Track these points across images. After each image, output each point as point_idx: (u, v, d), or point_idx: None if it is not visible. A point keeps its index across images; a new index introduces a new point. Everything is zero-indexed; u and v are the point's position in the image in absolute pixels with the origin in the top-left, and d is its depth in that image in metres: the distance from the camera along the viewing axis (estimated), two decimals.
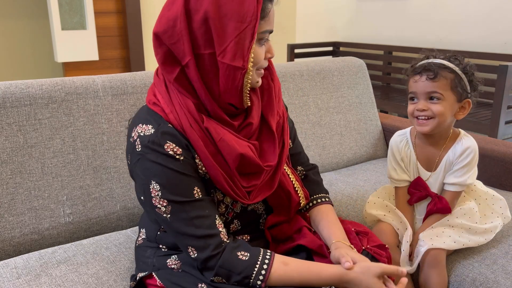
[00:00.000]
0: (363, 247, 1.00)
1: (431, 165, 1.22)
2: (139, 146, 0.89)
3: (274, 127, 1.01)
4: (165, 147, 0.88)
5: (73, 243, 1.23)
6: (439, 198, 1.19)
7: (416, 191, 1.22)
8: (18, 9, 3.51)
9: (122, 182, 1.34)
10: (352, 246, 1.00)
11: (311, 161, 1.74)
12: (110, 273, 1.10)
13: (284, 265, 0.91)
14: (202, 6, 0.85)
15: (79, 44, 3.02)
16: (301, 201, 1.08)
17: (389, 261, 1.02)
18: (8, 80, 1.28)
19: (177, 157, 0.88)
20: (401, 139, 1.27)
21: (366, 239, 1.03)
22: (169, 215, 0.89)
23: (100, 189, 1.31)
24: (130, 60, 3.25)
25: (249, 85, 0.91)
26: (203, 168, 0.92)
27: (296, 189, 1.08)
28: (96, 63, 3.16)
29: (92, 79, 1.35)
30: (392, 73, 3.56)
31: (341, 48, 3.94)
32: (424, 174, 1.23)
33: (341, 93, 1.87)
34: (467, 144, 1.17)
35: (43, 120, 1.25)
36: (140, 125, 0.91)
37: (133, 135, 0.91)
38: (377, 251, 1.00)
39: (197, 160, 0.91)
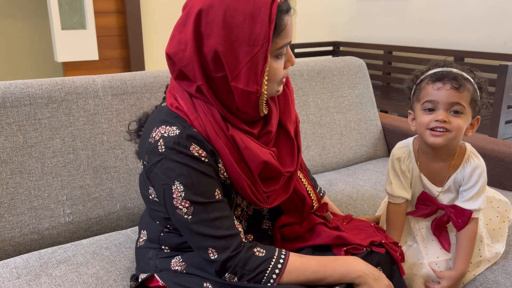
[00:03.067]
0: (382, 241, 1.02)
1: (439, 182, 1.15)
2: (163, 146, 0.87)
3: (292, 133, 1.03)
4: (191, 148, 0.87)
5: (73, 243, 1.23)
6: (455, 208, 1.11)
7: (424, 206, 1.15)
8: (18, 9, 3.50)
9: (122, 182, 1.34)
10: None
11: (311, 161, 1.76)
12: (110, 273, 1.10)
13: (299, 257, 0.93)
14: (213, 31, 0.83)
15: (79, 44, 3.01)
16: (314, 204, 1.09)
17: (402, 258, 1.05)
18: (8, 80, 1.28)
19: (202, 159, 0.88)
20: (404, 151, 1.17)
21: (384, 236, 1.06)
22: (190, 217, 0.88)
23: (100, 189, 1.31)
24: (130, 60, 3.25)
25: (264, 102, 0.92)
26: (225, 174, 0.92)
27: (309, 192, 1.09)
28: (96, 63, 3.16)
29: (92, 79, 1.35)
30: (392, 73, 3.56)
31: (341, 48, 3.94)
32: (433, 191, 1.15)
33: (341, 93, 1.87)
34: (475, 164, 1.10)
35: (43, 120, 1.25)
36: (163, 126, 0.89)
37: (154, 135, 0.89)
38: (392, 247, 1.03)
39: (220, 165, 0.91)
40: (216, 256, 0.88)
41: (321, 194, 1.26)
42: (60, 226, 1.26)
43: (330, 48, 3.96)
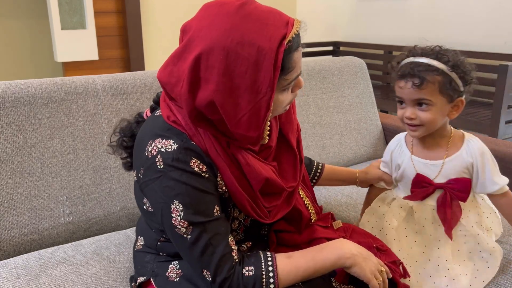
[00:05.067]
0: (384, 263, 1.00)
1: (436, 166, 1.14)
2: (161, 163, 0.83)
3: (294, 144, 1.01)
4: (191, 164, 0.84)
5: (72, 243, 1.23)
6: (451, 182, 1.10)
7: (420, 188, 1.14)
8: (18, 9, 3.51)
9: (122, 182, 1.34)
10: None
11: None
12: (109, 273, 1.10)
13: (287, 258, 0.90)
14: (212, 76, 0.78)
15: (79, 43, 3.02)
16: (312, 218, 1.08)
17: (405, 274, 1.03)
18: (8, 80, 1.28)
19: (203, 174, 0.85)
20: (396, 143, 1.22)
21: (385, 255, 1.03)
22: (189, 236, 0.85)
23: (100, 189, 1.31)
24: (130, 60, 3.25)
25: (266, 139, 0.90)
26: (224, 188, 0.90)
27: (307, 205, 1.07)
28: (96, 62, 3.16)
29: (92, 79, 1.35)
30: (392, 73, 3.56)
31: (341, 48, 3.94)
32: (430, 174, 1.14)
33: (341, 93, 1.87)
34: (480, 146, 1.10)
35: (43, 120, 1.25)
36: (159, 139, 0.85)
37: (150, 149, 0.85)
38: (392, 267, 1.00)
39: (218, 179, 0.89)
40: (211, 278, 0.86)
41: (318, 171, 1.25)
42: (60, 226, 1.26)
43: (330, 48, 3.96)
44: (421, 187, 1.14)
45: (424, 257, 1.13)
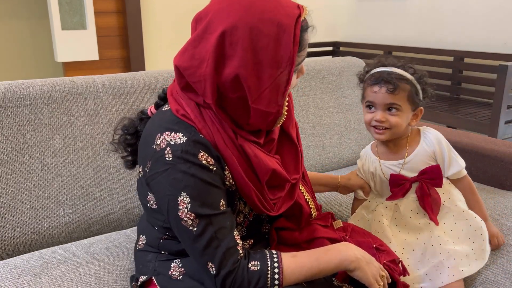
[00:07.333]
0: (383, 262, 1.01)
1: (400, 162, 1.22)
2: (170, 155, 0.84)
3: (295, 138, 1.03)
4: (199, 156, 0.85)
5: (73, 243, 1.23)
6: (423, 172, 1.17)
7: (398, 187, 1.20)
8: (18, 9, 3.51)
9: (122, 182, 1.35)
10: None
11: (311, 161, 1.76)
12: (110, 273, 1.10)
13: (292, 257, 0.91)
14: (236, 52, 0.81)
15: (79, 44, 3.02)
16: (312, 213, 1.08)
17: (405, 272, 1.05)
18: (8, 80, 1.28)
19: (210, 167, 0.86)
20: (365, 154, 1.29)
21: (384, 255, 1.04)
22: (195, 229, 0.86)
23: (100, 189, 1.32)
24: (130, 60, 3.25)
25: (283, 120, 0.92)
26: (231, 180, 0.91)
27: (307, 200, 1.08)
28: (96, 63, 3.16)
29: (92, 79, 1.35)
30: None
31: (341, 48, 3.95)
32: (397, 170, 1.21)
33: (341, 93, 1.87)
34: (435, 134, 1.20)
35: (43, 120, 1.25)
36: (167, 132, 0.87)
37: (159, 142, 0.86)
38: (392, 266, 1.01)
39: (226, 172, 0.90)
40: (215, 271, 0.86)
41: None
42: (60, 226, 1.26)
43: (330, 48, 3.97)
44: (398, 185, 1.21)
45: (419, 243, 1.17)
